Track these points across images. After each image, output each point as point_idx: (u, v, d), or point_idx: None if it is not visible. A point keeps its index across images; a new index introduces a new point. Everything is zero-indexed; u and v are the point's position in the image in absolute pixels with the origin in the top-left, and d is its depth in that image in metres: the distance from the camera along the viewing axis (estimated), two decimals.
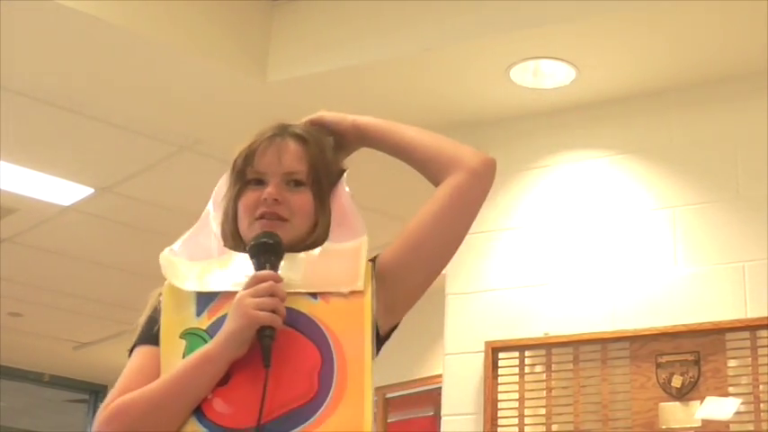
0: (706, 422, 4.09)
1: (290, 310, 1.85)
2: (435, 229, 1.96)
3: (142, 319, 2.02)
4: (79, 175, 5.79)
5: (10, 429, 10.69)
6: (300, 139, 2.02)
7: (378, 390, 7.35)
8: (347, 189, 2.06)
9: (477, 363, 4.54)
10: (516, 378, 4.49)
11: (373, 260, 1.96)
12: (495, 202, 4.67)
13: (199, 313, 1.91)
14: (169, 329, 1.92)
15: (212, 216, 2.10)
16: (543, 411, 4.42)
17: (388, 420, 7.39)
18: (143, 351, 1.95)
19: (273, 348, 1.80)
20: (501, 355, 4.54)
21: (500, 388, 4.50)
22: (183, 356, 1.85)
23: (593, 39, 4.27)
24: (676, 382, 4.18)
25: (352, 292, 1.89)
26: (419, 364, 7.07)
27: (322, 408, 1.77)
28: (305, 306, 1.88)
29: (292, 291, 1.87)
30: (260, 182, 1.98)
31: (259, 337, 1.80)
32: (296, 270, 1.91)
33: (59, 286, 7.58)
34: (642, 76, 4.50)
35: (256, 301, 1.81)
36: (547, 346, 4.48)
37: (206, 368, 1.81)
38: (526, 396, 4.46)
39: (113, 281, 7.36)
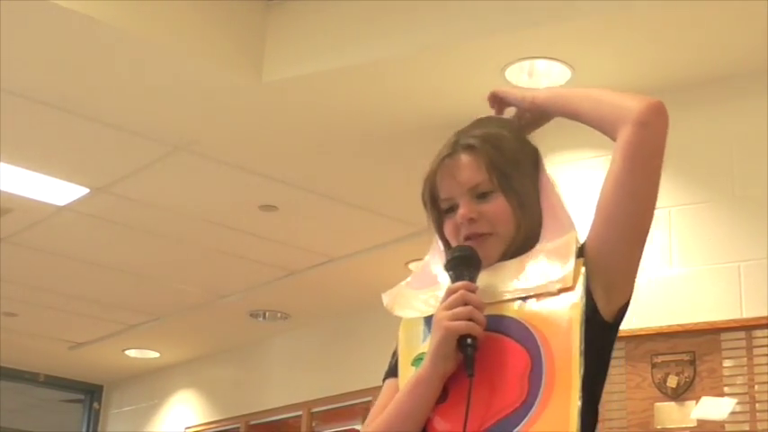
0: (701, 422, 4.09)
1: (500, 317, 1.84)
2: (619, 194, 1.87)
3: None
4: (74, 175, 5.78)
5: (5, 430, 10.67)
6: (470, 148, 1.96)
7: (373, 389, 7.32)
8: (548, 175, 2.01)
9: None
10: None
11: (582, 247, 1.90)
12: None
13: (425, 338, 1.91)
14: (404, 359, 1.95)
15: (436, 252, 2.05)
16: None
17: None
18: (386, 384, 1.97)
19: (483, 357, 1.79)
20: None
21: None
22: None
23: (588, 38, 4.27)
24: (672, 382, 4.18)
25: (562, 290, 1.83)
26: None
27: (531, 411, 1.75)
28: (515, 311, 1.85)
29: (503, 298, 1.86)
30: (453, 208, 1.95)
31: (460, 347, 1.79)
32: (506, 277, 1.89)
33: (55, 286, 7.58)
34: (637, 76, 4.50)
35: (449, 313, 1.80)
36: None
37: (419, 390, 1.83)
38: None
39: (109, 281, 7.36)
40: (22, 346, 9.11)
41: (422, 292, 1.99)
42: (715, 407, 4.08)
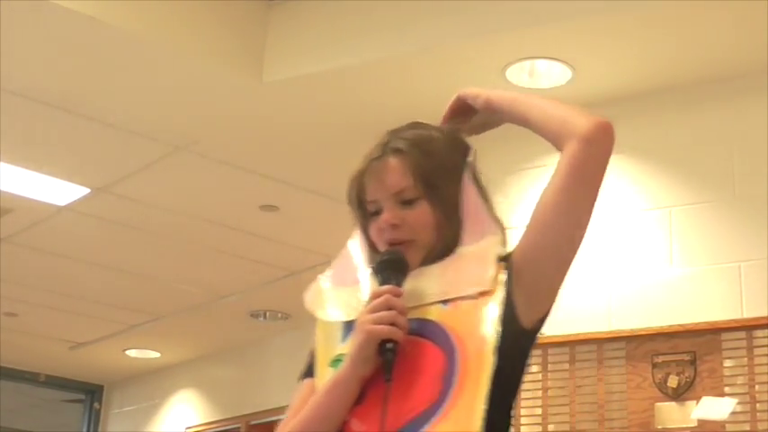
0: (702, 422, 4.09)
1: (421, 321, 1.85)
2: (558, 207, 1.89)
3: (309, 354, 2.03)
4: (75, 175, 5.78)
5: (6, 429, 10.68)
6: (398, 152, 1.97)
7: None
8: (475, 184, 2.01)
9: None
10: None
11: (509, 254, 1.91)
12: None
13: (344, 339, 1.93)
14: (321, 360, 1.95)
15: (354, 251, 2.08)
16: (539, 411, 4.42)
17: None
18: (302, 386, 1.98)
19: (401, 360, 1.80)
20: None
21: None
22: None
23: (589, 38, 4.27)
24: (672, 382, 4.18)
25: (481, 293, 1.86)
26: None
27: (440, 410, 1.76)
28: (435, 314, 1.86)
29: (425, 302, 1.87)
30: (378, 212, 1.96)
31: (381, 351, 1.81)
32: (428, 281, 1.90)
33: (55, 286, 7.58)
34: (638, 76, 4.50)
35: (373, 317, 1.81)
36: (543, 347, 4.47)
37: (337, 391, 1.84)
38: (522, 396, 4.46)
39: (110, 281, 7.36)
40: (22, 346, 9.11)
41: (343, 290, 2.01)
42: (715, 407, 4.08)
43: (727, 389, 4.09)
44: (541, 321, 1.93)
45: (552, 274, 1.92)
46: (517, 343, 1.87)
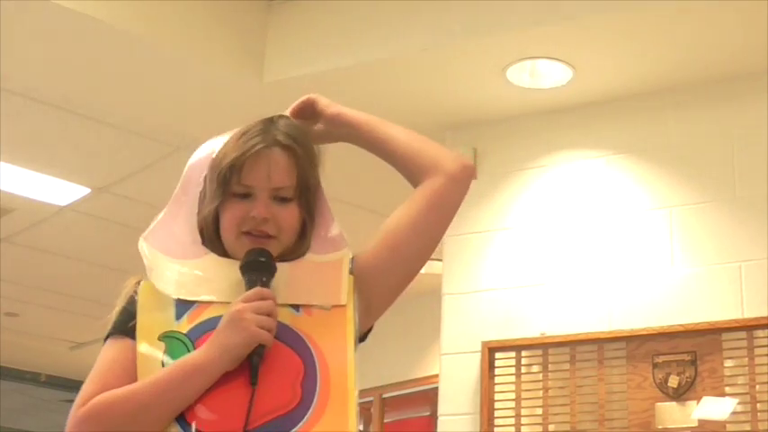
0: (702, 422, 4.09)
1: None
2: (412, 233, 1.97)
3: (116, 309, 1.99)
4: (76, 175, 5.78)
5: (6, 430, 10.68)
6: (289, 149, 1.99)
7: (374, 390, 7.35)
8: (322, 188, 2.05)
9: (474, 363, 4.54)
10: (513, 378, 4.49)
11: (351, 261, 1.97)
12: (491, 202, 4.67)
13: (178, 316, 1.89)
14: (147, 328, 1.89)
15: (185, 204, 2.09)
16: (540, 411, 4.42)
17: (385, 420, 7.40)
18: (118, 344, 1.90)
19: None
20: (498, 355, 4.54)
21: (497, 388, 4.50)
22: (163, 359, 1.83)
23: (589, 39, 4.27)
24: (673, 382, 4.18)
25: (335, 306, 1.90)
26: (416, 364, 7.08)
27: (307, 415, 1.77)
28: (287, 317, 1.87)
29: (277, 302, 1.87)
30: (246, 195, 1.95)
31: (250, 354, 1.80)
32: (278, 281, 1.90)
33: (56, 286, 7.58)
34: (639, 76, 4.50)
35: (258, 319, 1.80)
36: (543, 347, 4.48)
37: (198, 377, 1.79)
38: (523, 396, 4.46)
39: (110, 281, 7.29)
40: (23, 346, 9.11)
41: (180, 264, 1.98)
42: (716, 407, 4.08)
43: (727, 389, 4.09)
44: (366, 335, 1.99)
45: (391, 292, 2.00)
46: None
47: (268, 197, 1.95)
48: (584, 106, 4.69)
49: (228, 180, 1.96)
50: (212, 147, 2.12)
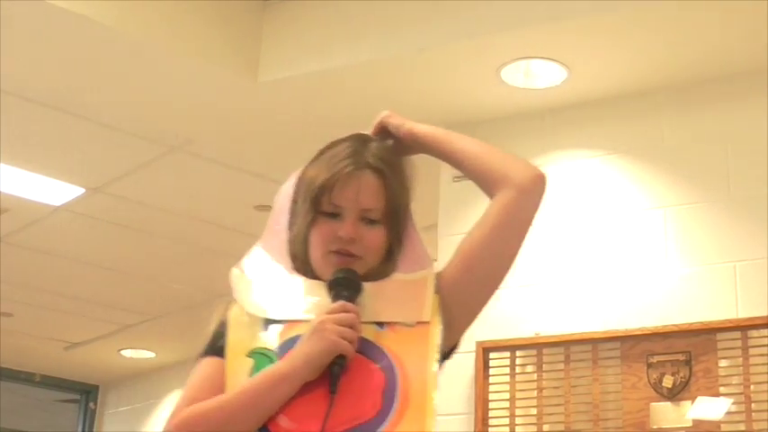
0: (697, 422, 4.09)
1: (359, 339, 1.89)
2: (486, 252, 1.96)
3: (209, 330, 2.06)
4: (70, 176, 5.78)
5: (1, 429, 10.66)
6: (379, 172, 2.01)
7: None
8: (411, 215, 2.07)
9: (468, 363, 4.54)
10: (507, 378, 4.49)
11: (438, 277, 1.98)
12: (486, 202, 4.66)
13: (266, 335, 1.94)
14: (236, 346, 1.95)
15: (277, 233, 2.11)
16: (534, 411, 4.42)
17: None
18: (209, 362, 1.99)
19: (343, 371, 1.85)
20: (492, 355, 4.54)
21: (491, 388, 4.50)
22: (251, 375, 1.89)
23: (584, 38, 4.27)
24: (667, 382, 4.18)
25: (419, 323, 1.92)
26: None
27: (386, 423, 1.81)
28: (371, 334, 1.91)
29: (362, 320, 1.91)
30: (335, 214, 1.99)
31: (331, 364, 1.85)
32: (364, 299, 1.94)
33: (50, 286, 7.57)
34: (634, 76, 4.50)
35: (339, 329, 1.85)
36: (538, 347, 4.48)
37: (282, 387, 1.84)
38: (517, 396, 4.46)
39: (104, 281, 7.35)
40: (17, 346, 9.10)
41: (269, 286, 2.02)
42: (711, 407, 4.09)
43: (722, 389, 4.09)
44: (451, 352, 2.01)
45: (472, 309, 2.01)
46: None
47: (356, 218, 1.98)
48: (579, 106, 4.69)
49: (319, 199, 2.00)
50: None
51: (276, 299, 1.99)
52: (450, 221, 4.55)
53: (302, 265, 2.01)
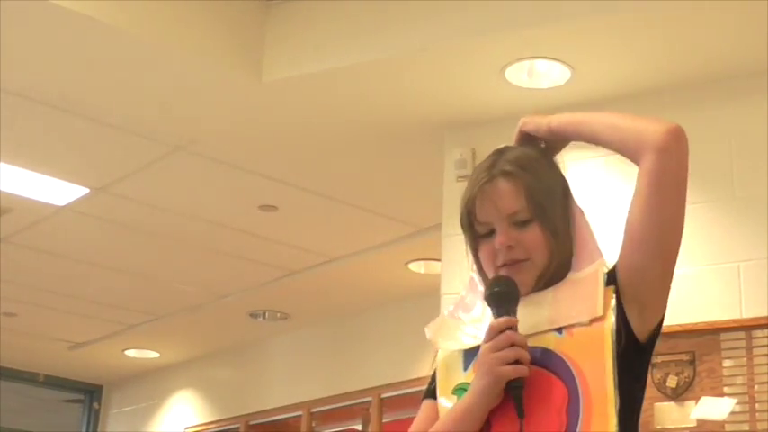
0: (701, 422, 4.09)
1: (539, 350, 1.90)
2: (647, 222, 1.91)
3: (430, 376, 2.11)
4: (74, 176, 5.78)
5: (5, 430, 10.68)
6: (509, 175, 1.99)
7: (373, 390, 7.35)
8: (577, 203, 2.06)
9: None
10: None
11: (612, 273, 1.95)
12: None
13: (465, 367, 1.99)
14: (444, 386, 2.01)
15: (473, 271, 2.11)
16: None
17: (384, 420, 7.39)
18: (426, 405, 2.05)
19: (525, 391, 1.85)
20: None
21: None
22: None
23: (588, 38, 4.27)
24: (671, 382, 4.18)
25: (593, 320, 1.89)
26: (415, 363, 7.07)
27: None
28: (551, 342, 1.90)
29: (540, 330, 1.91)
30: (490, 232, 1.99)
31: (508, 388, 1.86)
32: (541, 308, 1.93)
33: (54, 286, 7.57)
34: (637, 76, 4.50)
35: (498, 356, 1.86)
36: None
37: (465, 419, 1.89)
38: None
39: (108, 281, 7.36)
40: (21, 346, 9.10)
41: (463, 322, 2.06)
42: (715, 407, 4.09)
43: (726, 389, 4.09)
44: (655, 332, 1.98)
45: (658, 285, 1.98)
46: (639, 360, 1.94)
47: (506, 226, 1.97)
48: (583, 106, 4.68)
49: (470, 223, 2.02)
50: None
51: (469, 328, 2.02)
52: (454, 221, 4.52)
53: None
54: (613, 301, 1.89)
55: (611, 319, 1.88)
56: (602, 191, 4.62)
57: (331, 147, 5.26)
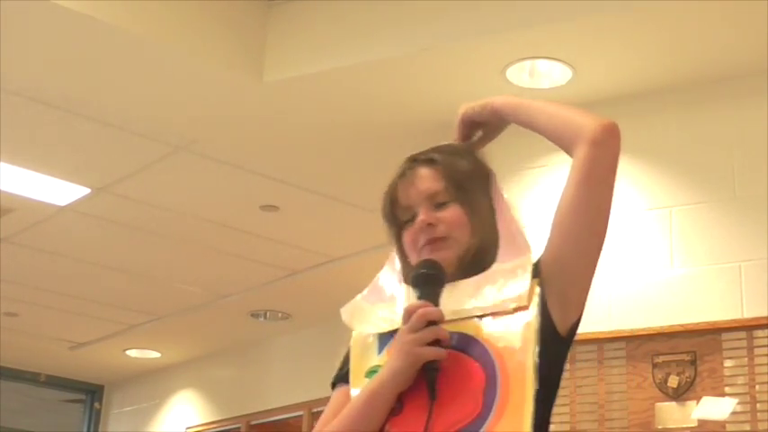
0: (702, 422, 4.09)
1: (460, 335, 1.89)
2: (574, 212, 1.93)
3: (341, 359, 2.09)
4: (75, 175, 5.78)
5: (6, 429, 10.68)
6: (431, 161, 2.03)
7: None
8: (504, 196, 2.05)
9: None
10: None
11: (537, 265, 1.95)
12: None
13: (380, 351, 1.98)
14: (357, 370, 2.00)
15: (391, 259, 2.13)
16: None
17: None
18: (337, 391, 2.03)
19: (442, 374, 1.84)
20: None
21: None
22: None
23: (589, 38, 4.27)
24: (672, 382, 4.18)
25: (517, 309, 1.90)
26: None
27: (485, 424, 1.79)
28: (473, 329, 1.90)
29: (463, 317, 1.91)
30: (413, 217, 2.00)
31: (424, 369, 1.84)
32: (465, 295, 1.93)
33: (56, 286, 7.58)
34: (638, 76, 4.50)
35: (416, 337, 1.85)
36: None
37: (376, 402, 1.87)
38: None
39: (110, 281, 7.36)
40: (22, 346, 9.11)
41: (378, 307, 2.04)
42: (716, 407, 4.08)
43: (727, 389, 4.09)
44: (575, 327, 1.97)
45: (581, 278, 1.97)
46: (556, 353, 1.93)
47: (428, 207, 1.99)
48: (584, 106, 4.62)
49: (392, 212, 2.05)
50: None
51: (385, 313, 2.01)
52: None
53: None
54: (538, 289, 1.91)
55: (535, 308, 1.89)
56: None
57: (332, 147, 5.26)
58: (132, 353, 9.21)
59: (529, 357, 1.83)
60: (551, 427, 4.46)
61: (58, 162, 5.65)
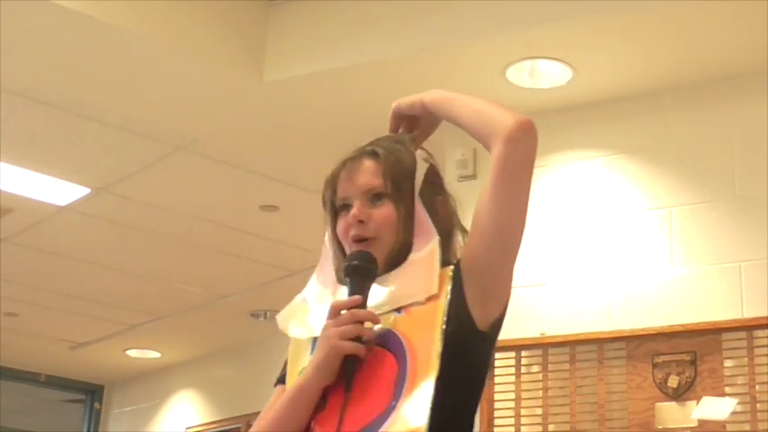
0: (702, 422, 4.09)
1: (381, 329, 1.92)
2: (490, 207, 1.93)
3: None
4: (75, 175, 5.78)
5: (6, 429, 10.68)
6: (372, 154, 2.06)
7: None
8: (416, 193, 2.06)
9: None
10: (513, 378, 4.49)
11: (458, 261, 1.97)
12: None
13: (312, 351, 2.00)
14: (291, 370, 2.05)
15: (326, 253, 2.16)
16: (540, 411, 4.42)
17: None
18: (276, 390, 2.08)
19: (360, 368, 1.88)
20: (497, 355, 4.53)
21: (496, 388, 4.50)
22: None
23: (589, 39, 4.27)
24: (673, 382, 4.18)
25: (429, 298, 1.92)
26: None
27: (393, 411, 1.82)
28: (389, 322, 1.93)
29: (382, 311, 1.94)
30: (348, 207, 2.02)
31: (344, 362, 1.88)
32: (384, 290, 1.96)
33: (56, 286, 7.58)
34: (638, 76, 4.50)
35: (339, 331, 1.88)
36: (543, 347, 4.47)
37: (300, 397, 1.92)
38: (522, 396, 4.46)
39: (110, 281, 7.36)
40: (22, 346, 9.11)
41: (315, 306, 2.08)
42: (716, 407, 4.08)
43: (727, 389, 4.09)
44: (497, 324, 1.99)
45: (498, 273, 1.97)
46: (475, 346, 1.95)
47: (363, 202, 2.01)
48: (584, 106, 4.69)
49: (332, 200, 2.06)
50: None
51: (318, 315, 2.02)
52: None
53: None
54: (449, 280, 1.93)
55: (445, 297, 1.91)
56: (602, 191, 4.62)
57: (332, 147, 5.23)
58: (132, 353, 9.21)
59: (435, 342, 1.86)
60: (551, 427, 4.46)
61: (57, 162, 5.65)
